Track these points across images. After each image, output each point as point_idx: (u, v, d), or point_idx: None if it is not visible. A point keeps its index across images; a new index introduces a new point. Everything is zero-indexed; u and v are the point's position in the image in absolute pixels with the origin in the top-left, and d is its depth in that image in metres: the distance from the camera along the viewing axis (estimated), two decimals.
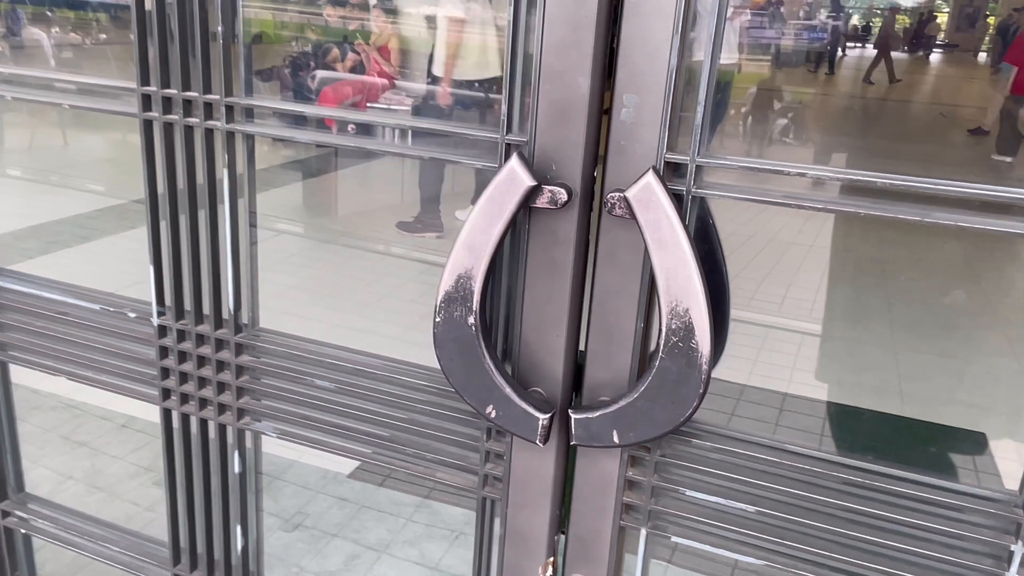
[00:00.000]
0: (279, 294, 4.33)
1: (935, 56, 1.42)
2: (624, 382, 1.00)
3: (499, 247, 0.93)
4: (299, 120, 1.14)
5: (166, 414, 1.30)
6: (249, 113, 1.12)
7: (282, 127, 1.14)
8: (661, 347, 0.91)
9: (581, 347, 1.03)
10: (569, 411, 0.98)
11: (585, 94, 0.91)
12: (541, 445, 0.98)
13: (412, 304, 4.27)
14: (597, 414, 0.97)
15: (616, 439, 0.96)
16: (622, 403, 0.95)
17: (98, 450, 2.70)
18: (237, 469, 1.29)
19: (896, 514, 0.94)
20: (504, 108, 0.95)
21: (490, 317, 1.06)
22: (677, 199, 0.91)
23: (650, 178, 0.87)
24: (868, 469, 0.96)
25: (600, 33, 0.89)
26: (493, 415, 0.99)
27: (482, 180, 0.94)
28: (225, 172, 1.13)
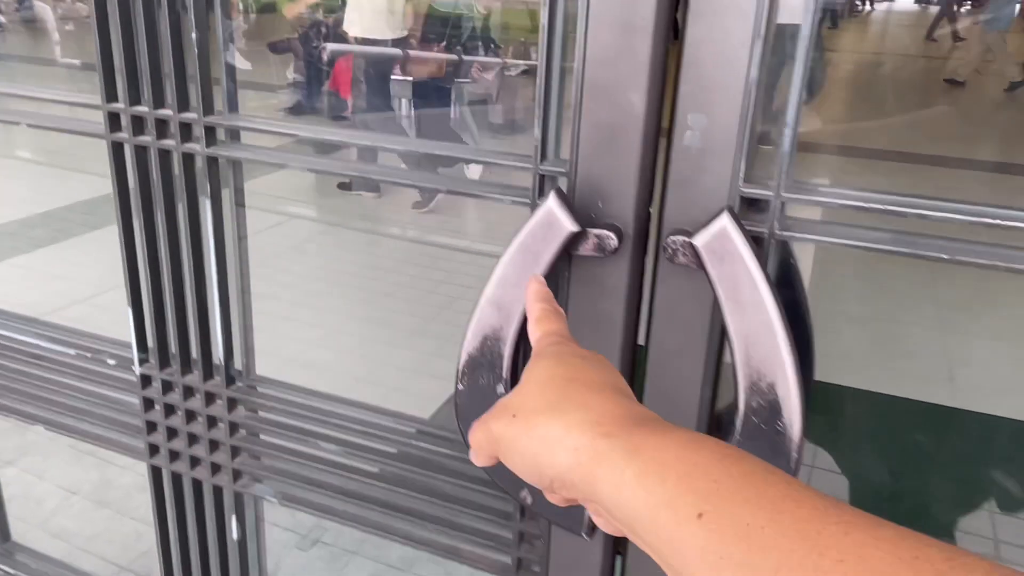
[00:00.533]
0: (292, 284, 4.19)
1: None
2: None
3: None
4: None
5: (155, 472, 1.15)
6: (234, 135, 0.95)
7: (272, 151, 0.96)
8: (738, 428, 0.73)
9: None
10: None
11: (640, 113, 0.73)
12: (588, 540, 0.81)
13: (431, 295, 4.11)
14: None
15: None
16: None
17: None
18: (235, 536, 1.14)
19: None
20: (537, 131, 0.77)
21: None
22: (756, 242, 0.73)
23: (725, 222, 0.68)
24: None
25: (659, 38, 0.71)
26: (529, 501, 0.82)
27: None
28: (208, 203, 0.96)
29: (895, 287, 3.76)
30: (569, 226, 0.72)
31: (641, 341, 0.83)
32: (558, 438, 0.44)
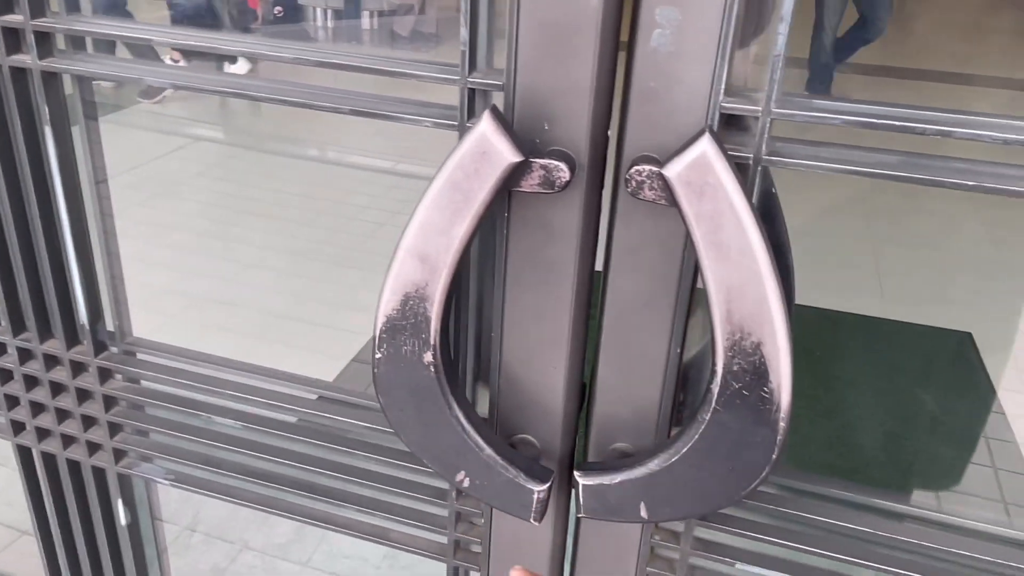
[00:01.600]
0: (199, 213, 3.90)
1: None
2: (649, 426, 0.71)
3: (466, 252, 0.61)
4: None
5: (23, 453, 0.97)
6: (78, 43, 0.75)
7: (127, 62, 0.76)
8: (715, 395, 0.61)
9: (586, 380, 0.73)
10: (576, 474, 0.68)
11: (595, 7, 0.57)
12: (536, 524, 0.69)
13: (354, 221, 3.88)
14: (618, 479, 0.67)
15: (644, 514, 0.68)
16: (653, 466, 0.66)
17: None
18: (124, 521, 0.98)
19: None
20: (464, 31, 0.60)
21: (455, 343, 0.74)
22: (739, 171, 0.59)
23: (706, 147, 0.54)
24: None
25: None
26: (466, 484, 0.69)
27: None
28: (48, 129, 0.76)
29: (826, 199, 3.74)
30: (509, 156, 0.56)
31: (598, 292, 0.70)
32: None
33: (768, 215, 0.67)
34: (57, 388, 0.90)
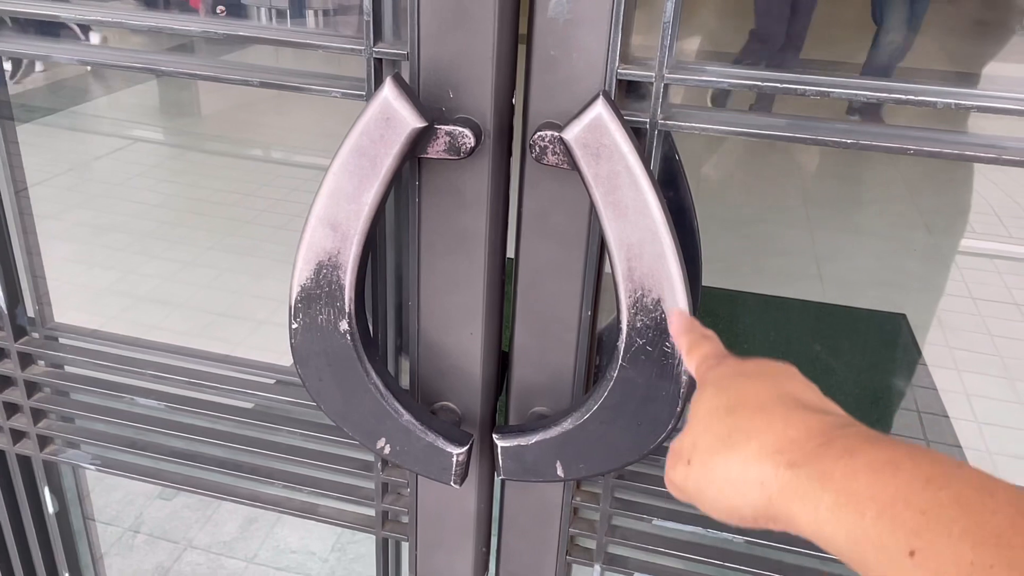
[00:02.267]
0: (141, 214, 3.82)
1: None
2: (566, 389, 0.73)
3: (377, 218, 0.62)
4: None
5: None
6: None
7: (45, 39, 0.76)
8: (620, 351, 0.63)
9: (505, 347, 0.75)
10: (494, 437, 0.70)
11: None
12: (457, 487, 0.71)
13: (297, 219, 3.85)
14: (534, 440, 0.69)
15: (560, 472, 0.70)
16: (567, 425, 0.68)
17: None
18: (52, 509, 0.97)
19: None
20: (367, 2, 0.61)
21: (375, 313, 0.75)
22: (636, 135, 0.61)
23: (600, 110, 0.56)
24: None
25: None
26: (387, 451, 0.70)
27: None
28: None
29: (763, 188, 3.83)
30: (412, 121, 0.58)
31: (510, 255, 0.72)
32: (740, 476, 0.41)
33: (671, 180, 0.69)
34: None
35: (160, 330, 2.90)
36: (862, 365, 3.06)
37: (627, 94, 0.64)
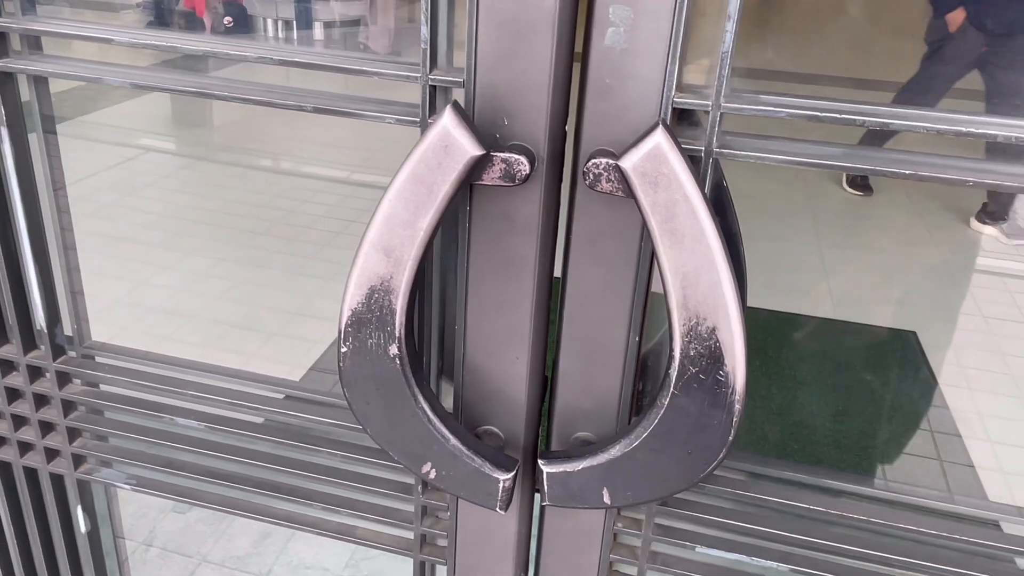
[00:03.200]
0: (153, 225, 3.83)
1: None
2: (610, 415, 0.73)
3: (430, 244, 0.62)
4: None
5: None
6: (35, 43, 0.74)
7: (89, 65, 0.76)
8: (673, 379, 0.63)
9: (548, 372, 0.75)
10: (540, 463, 0.70)
11: (551, 7, 0.59)
12: (503, 513, 0.71)
13: (309, 231, 3.85)
14: (580, 466, 0.69)
15: (607, 499, 0.69)
16: (614, 452, 0.68)
17: None
18: (84, 528, 0.97)
19: None
20: (425, 30, 0.62)
21: (419, 336, 0.75)
22: (692, 162, 0.61)
23: (659, 139, 0.57)
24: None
25: None
26: (433, 475, 0.70)
27: None
28: (5, 131, 0.76)
29: (774, 205, 3.83)
30: (471, 149, 0.58)
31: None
32: None
33: (720, 206, 0.69)
34: (13, 394, 0.89)
35: (172, 341, 2.90)
36: (872, 381, 3.05)
37: (679, 121, 0.64)
